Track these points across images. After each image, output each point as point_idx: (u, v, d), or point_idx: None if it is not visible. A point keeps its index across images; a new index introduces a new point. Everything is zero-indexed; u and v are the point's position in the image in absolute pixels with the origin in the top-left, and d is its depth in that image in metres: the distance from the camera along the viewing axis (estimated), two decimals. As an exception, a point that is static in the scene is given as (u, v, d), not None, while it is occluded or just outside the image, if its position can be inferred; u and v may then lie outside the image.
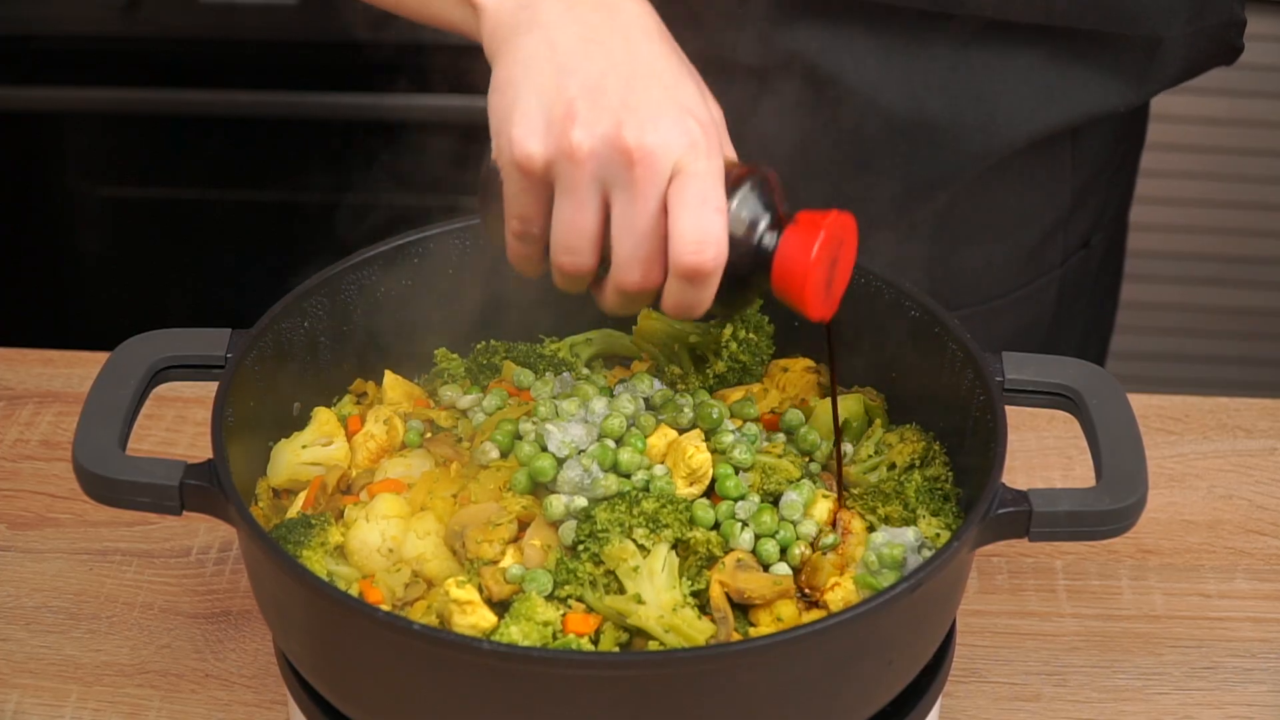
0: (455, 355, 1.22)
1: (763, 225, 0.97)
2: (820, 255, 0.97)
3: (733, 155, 1.00)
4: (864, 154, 1.35)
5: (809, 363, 1.20)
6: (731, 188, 0.96)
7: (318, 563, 1.03)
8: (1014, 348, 1.13)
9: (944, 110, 1.32)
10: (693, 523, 1.04)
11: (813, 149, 1.35)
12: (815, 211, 0.98)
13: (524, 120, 0.93)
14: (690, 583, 1.02)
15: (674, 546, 1.02)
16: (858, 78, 1.30)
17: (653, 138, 0.91)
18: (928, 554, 1.05)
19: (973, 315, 1.42)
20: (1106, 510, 1.00)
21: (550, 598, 1.00)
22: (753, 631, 1.02)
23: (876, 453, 1.13)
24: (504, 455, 1.11)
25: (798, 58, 1.31)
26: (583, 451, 1.07)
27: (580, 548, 1.02)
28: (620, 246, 0.94)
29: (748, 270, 0.97)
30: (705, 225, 0.92)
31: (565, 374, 1.18)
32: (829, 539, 1.06)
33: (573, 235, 0.94)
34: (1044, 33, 1.30)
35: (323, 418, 1.14)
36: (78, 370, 1.44)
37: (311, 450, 1.12)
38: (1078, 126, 1.38)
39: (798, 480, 1.09)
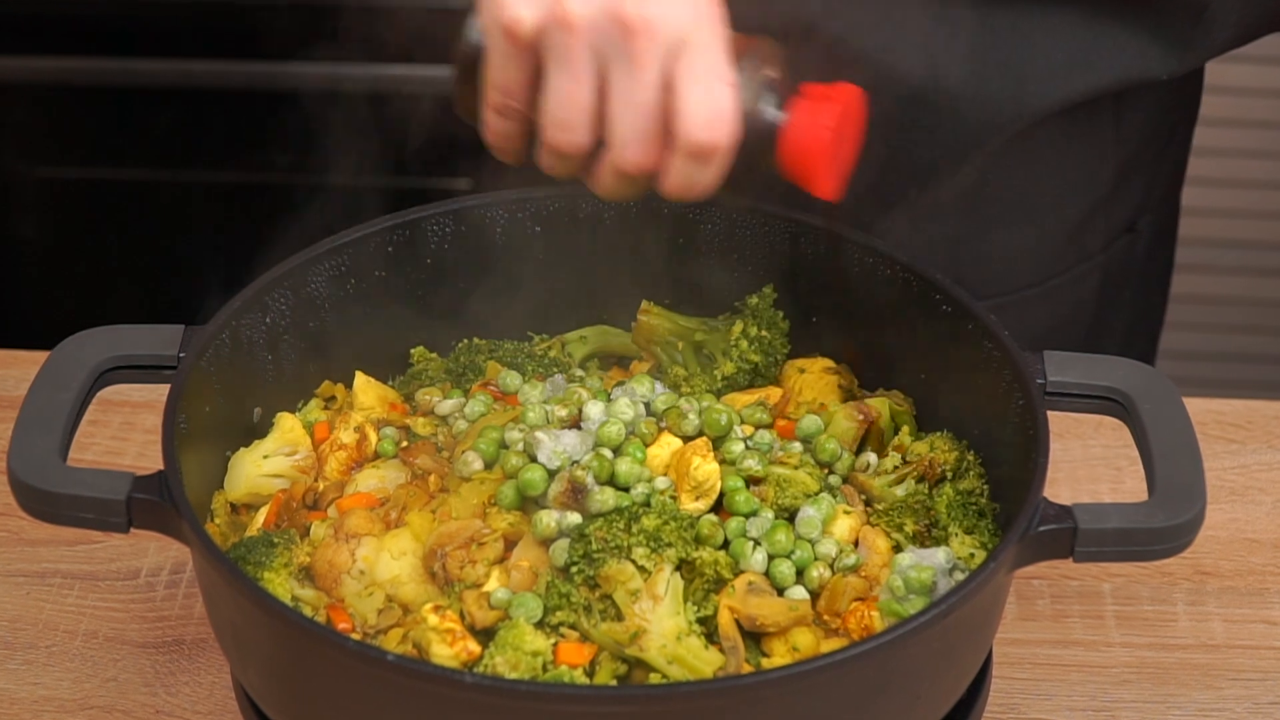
0: (434, 354, 1.22)
1: (770, 100, 1.03)
2: (836, 129, 1.03)
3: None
4: (878, 125, 1.36)
5: (828, 363, 1.20)
6: (736, 61, 1.01)
7: (280, 586, 1.03)
8: (1051, 343, 1.12)
9: (967, 78, 1.33)
10: (699, 541, 1.04)
11: None
12: (822, 84, 1.04)
13: None
14: (696, 608, 1.02)
15: (678, 568, 1.02)
16: (869, 42, 1.31)
17: (654, 8, 0.96)
18: (960, 576, 1.05)
19: (1004, 305, 1.42)
20: (1160, 527, 0.99)
21: (540, 625, 1.00)
22: (765, 663, 1.02)
23: (904, 463, 1.13)
24: (488, 466, 1.11)
25: (799, 19, 1.31)
26: (576, 462, 1.07)
27: (574, 569, 1.02)
28: (619, 123, 0.97)
29: (755, 147, 1.02)
30: (715, 100, 0.97)
31: (557, 376, 1.18)
32: (850, 559, 1.06)
33: (567, 109, 0.98)
34: None
35: (286, 425, 1.14)
36: (13, 371, 1.44)
37: (274, 461, 1.12)
38: (1119, 95, 1.38)
39: (815, 494, 1.09)
